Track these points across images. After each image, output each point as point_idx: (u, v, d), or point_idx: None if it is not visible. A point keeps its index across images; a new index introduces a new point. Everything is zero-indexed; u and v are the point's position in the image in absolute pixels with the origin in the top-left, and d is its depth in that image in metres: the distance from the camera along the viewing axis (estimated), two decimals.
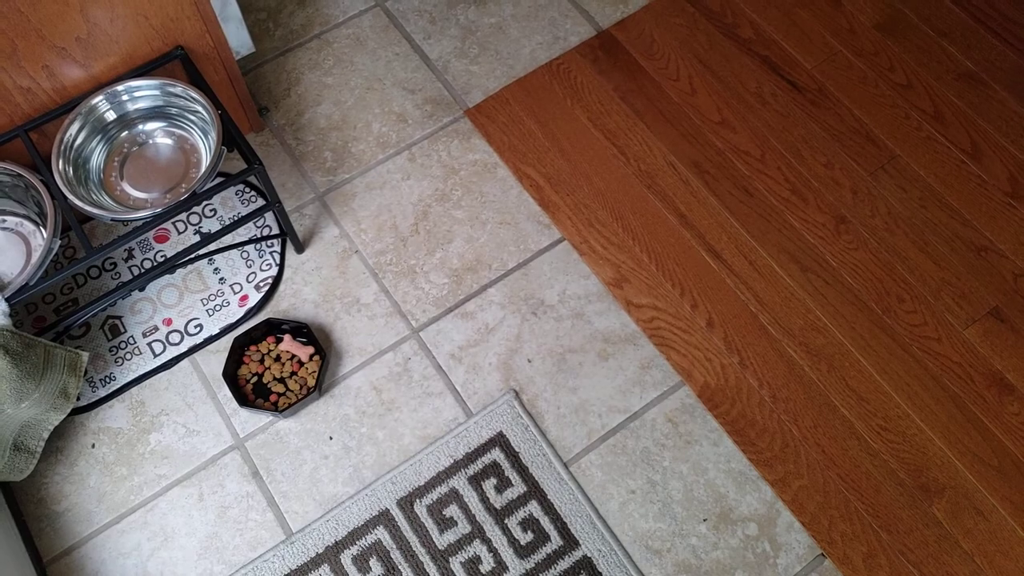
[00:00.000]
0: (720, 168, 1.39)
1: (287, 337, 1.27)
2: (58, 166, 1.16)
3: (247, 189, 1.39)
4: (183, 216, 1.35)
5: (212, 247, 1.28)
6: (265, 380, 1.24)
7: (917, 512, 1.15)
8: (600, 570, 1.14)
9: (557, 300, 1.29)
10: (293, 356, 1.26)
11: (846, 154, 1.40)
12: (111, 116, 1.22)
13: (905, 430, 1.20)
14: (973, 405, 1.21)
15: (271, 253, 1.34)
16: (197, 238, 1.34)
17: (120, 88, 1.20)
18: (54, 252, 1.13)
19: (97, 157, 1.22)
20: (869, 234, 1.34)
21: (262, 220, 1.35)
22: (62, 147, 1.17)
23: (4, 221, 1.21)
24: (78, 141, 1.19)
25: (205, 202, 1.34)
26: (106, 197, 1.21)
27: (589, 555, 1.15)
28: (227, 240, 1.32)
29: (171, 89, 1.21)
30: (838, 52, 1.49)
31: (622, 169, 1.39)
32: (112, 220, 1.16)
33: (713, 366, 1.25)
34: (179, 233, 1.36)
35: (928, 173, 1.37)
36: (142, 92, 1.21)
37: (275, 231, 1.35)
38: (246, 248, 1.34)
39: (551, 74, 1.47)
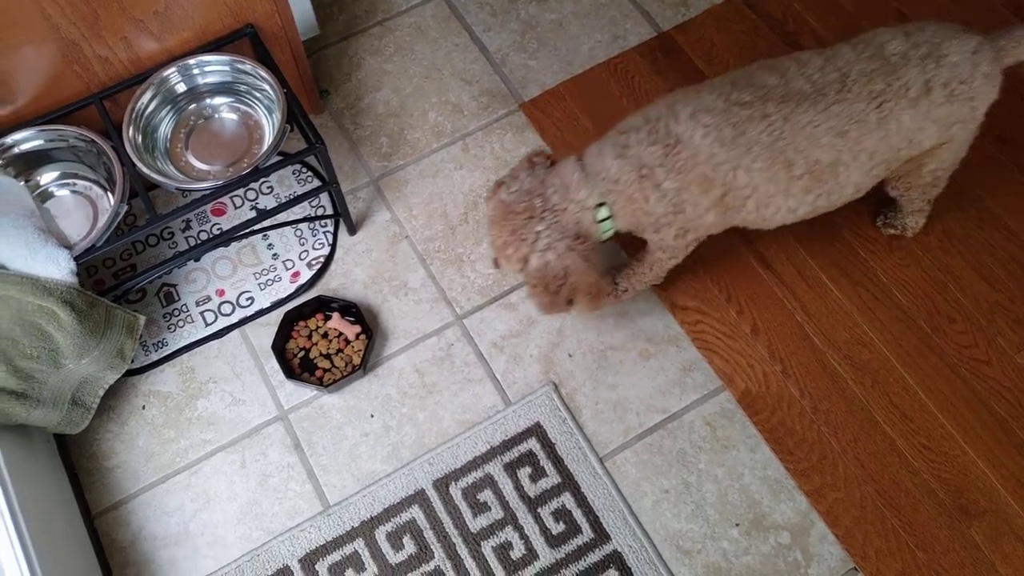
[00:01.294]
0: None
1: (335, 315, 1.29)
2: (128, 133, 1.20)
3: (304, 169, 1.42)
4: (240, 192, 1.39)
5: (267, 223, 1.31)
6: (312, 355, 1.27)
7: (955, 533, 1.13)
8: (630, 566, 1.15)
9: None
10: (340, 334, 1.28)
11: None
12: (181, 88, 1.25)
13: (948, 450, 1.19)
14: (1021, 431, 1.19)
15: (324, 233, 1.37)
16: (253, 214, 1.37)
17: (192, 62, 1.24)
18: (120, 216, 1.18)
19: (165, 127, 1.26)
20: (922, 251, 1.32)
21: (317, 200, 1.38)
22: (134, 115, 1.21)
23: (74, 184, 1.26)
24: (149, 110, 1.23)
25: (263, 179, 1.38)
26: (171, 167, 1.24)
27: (619, 550, 1.16)
28: (282, 217, 1.35)
29: (240, 66, 1.24)
30: None
31: None
32: (177, 189, 1.20)
33: (755, 373, 1.24)
34: (235, 208, 1.39)
35: (987, 194, 1.35)
36: (212, 67, 1.25)
37: (329, 212, 1.38)
38: (300, 226, 1.37)
39: (609, 72, 1.48)
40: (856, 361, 1.25)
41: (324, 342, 1.28)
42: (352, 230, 1.36)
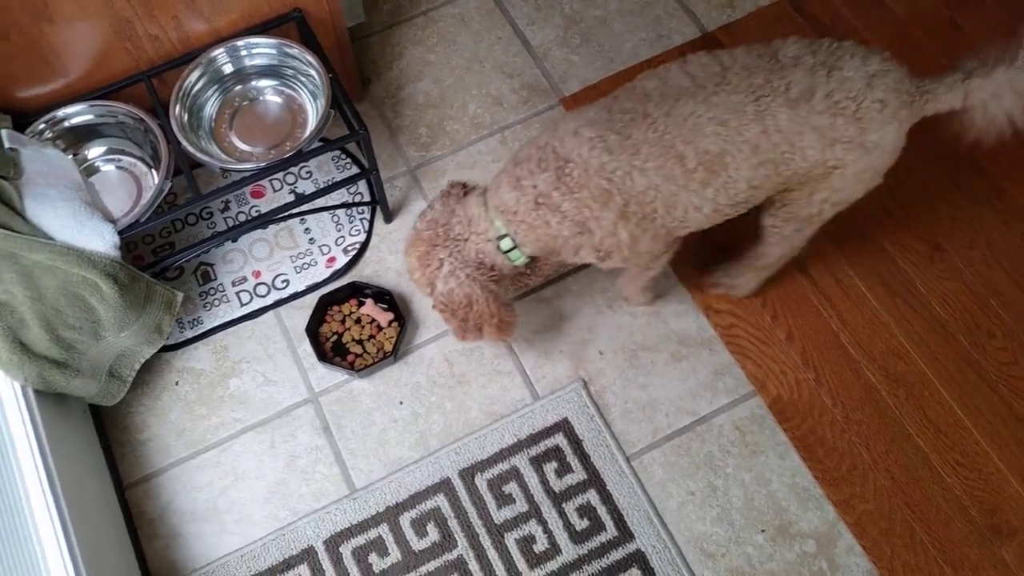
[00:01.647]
0: None
1: (369, 301, 1.30)
2: (175, 111, 1.21)
3: (343, 155, 1.43)
4: (279, 175, 1.40)
5: (305, 208, 1.32)
6: (344, 340, 1.28)
7: (985, 552, 1.12)
8: (652, 566, 1.15)
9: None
10: (373, 320, 1.29)
11: (949, 180, 1.37)
12: (228, 69, 1.27)
13: (982, 468, 1.17)
14: None
15: (361, 219, 1.38)
16: (292, 197, 1.38)
17: (240, 43, 1.25)
18: (164, 193, 1.20)
19: (211, 107, 1.28)
20: (964, 265, 1.30)
21: (355, 187, 1.39)
22: (181, 93, 1.23)
23: (119, 160, 1.28)
24: (196, 89, 1.24)
25: (302, 164, 1.39)
26: (215, 146, 1.26)
27: (643, 549, 1.16)
28: (320, 202, 1.36)
29: (288, 50, 1.25)
30: None
31: None
32: (221, 169, 1.21)
33: (788, 379, 1.23)
34: (274, 191, 1.41)
35: None
36: (260, 49, 1.26)
37: (367, 199, 1.39)
38: (337, 212, 1.38)
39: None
40: (891, 372, 1.23)
41: (357, 327, 1.29)
42: (388, 218, 1.37)
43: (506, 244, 1.02)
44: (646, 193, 0.94)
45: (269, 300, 1.32)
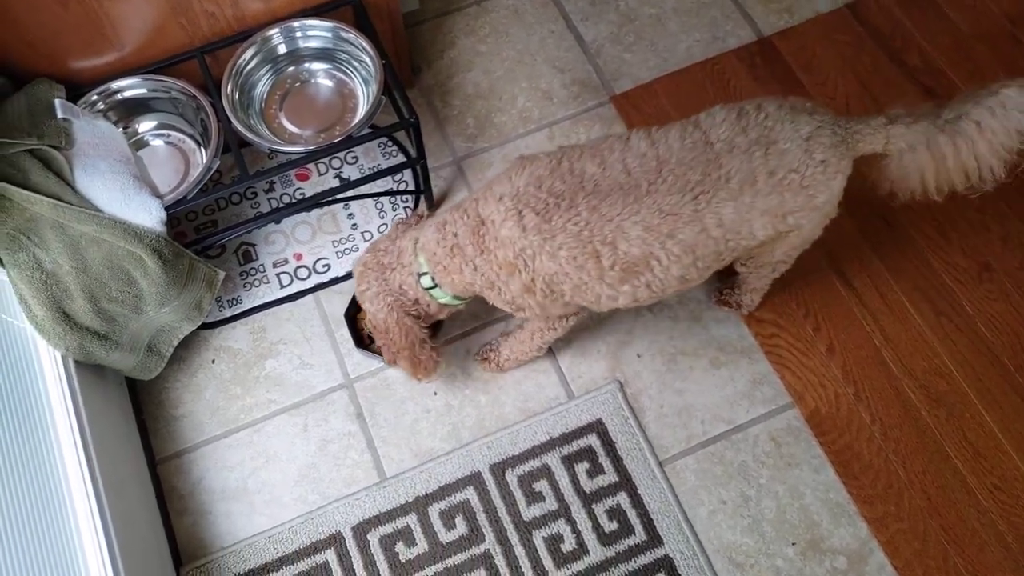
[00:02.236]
0: (863, 194, 1.35)
1: None
2: (227, 89, 1.21)
3: (390, 143, 1.42)
4: (326, 159, 1.40)
5: (350, 193, 1.32)
6: None
7: None
8: (680, 572, 1.14)
9: (676, 302, 1.29)
10: None
11: (1002, 200, 1.35)
12: (282, 50, 1.26)
13: (1021, 494, 1.15)
14: None
15: (404, 208, 1.37)
16: (336, 182, 1.38)
17: (296, 24, 1.24)
18: (212, 171, 1.20)
19: (262, 86, 1.27)
20: (1013, 287, 1.28)
21: (400, 175, 1.38)
22: (234, 71, 1.22)
23: (168, 136, 1.28)
24: (249, 67, 1.24)
25: (349, 149, 1.39)
26: (264, 127, 1.25)
27: (671, 555, 1.15)
28: (364, 188, 1.35)
29: (343, 34, 1.24)
30: None
31: None
32: (270, 149, 1.20)
33: (827, 393, 1.22)
34: (320, 174, 1.40)
35: None
36: (315, 32, 1.25)
37: (411, 187, 1.38)
38: (381, 199, 1.37)
39: (705, 73, 1.45)
40: (932, 392, 1.22)
41: None
42: (432, 208, 1.37)
43: (426, 282, 1.03)
44: (555, 276, 0.93)
45: (309, 283, 1.32)
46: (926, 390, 1.21)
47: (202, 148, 1.23)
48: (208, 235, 1.25)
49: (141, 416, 1.24)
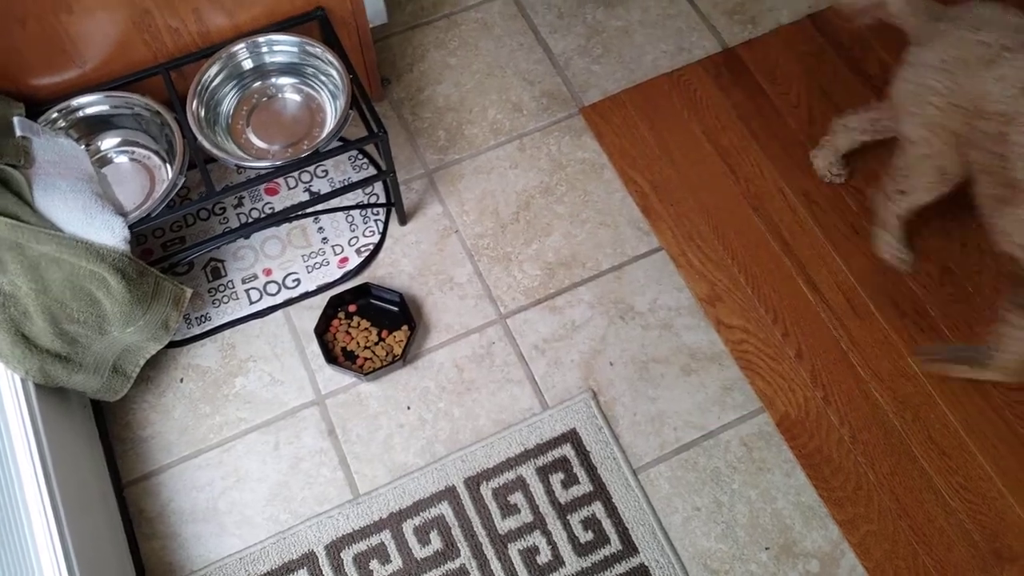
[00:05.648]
0: (830, 201, 1.37)
1: (356, 316, 1.28)
2: (192, 106, 1.20)
3: (360, 156, 1.41)
4: (295, 173, 1.39)
5: (320, 207, 1.31)
6: (351, 348, 1.26)
7: None
8: None
9: (647, 308, 1.30)
10: (375, 326, 1.28)
11: (959, 206, 1.38)
12: (248, 65, 1.25)
13: (986, 492, 1.17)
14: None
15: (375, 221, 1.37)
16: (306, 196, 1.37)
17: (261, 40, 1.23)
18: (178, 188, 1.18)
19: (228, 103, 1.26)
20: (974, 290, 1.31)
21: (370, 188, 1.38)
22: (199, 87, 1.21)
23: (133, 152, 1.26)
24: (214, 84, 1.23)
25: (318, 163, 1.38)
26: (231, 143, 1.24)
27: (647, 564, 1.15)
28: (335, 202, 1.35)
29: (309, 48, 1.24)
30: None
31: (730, 188, 1.38)
32: (236, 166, 1.20)
33: (796, 397, 1.23)
34: (289, 189, 1.39)
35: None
36: (281, 47, 1.25)
37: (382, 200, 1.37)
38: (352, 213, 1.37)
39: (671, 84, 1.47)
40: (898, 394, 1.24)
41: (363, 334, 1.27)
42: (403, 220, 1.36)
43: None
44: None
45: (279, 299, 1.30)
46: (893, 392, 1.24)
47: (168, 164, 1.22)
48: (176, 252, 1.23)
49: (107, 439, 1.21)
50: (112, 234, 1.11)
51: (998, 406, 1.23)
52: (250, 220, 1.34)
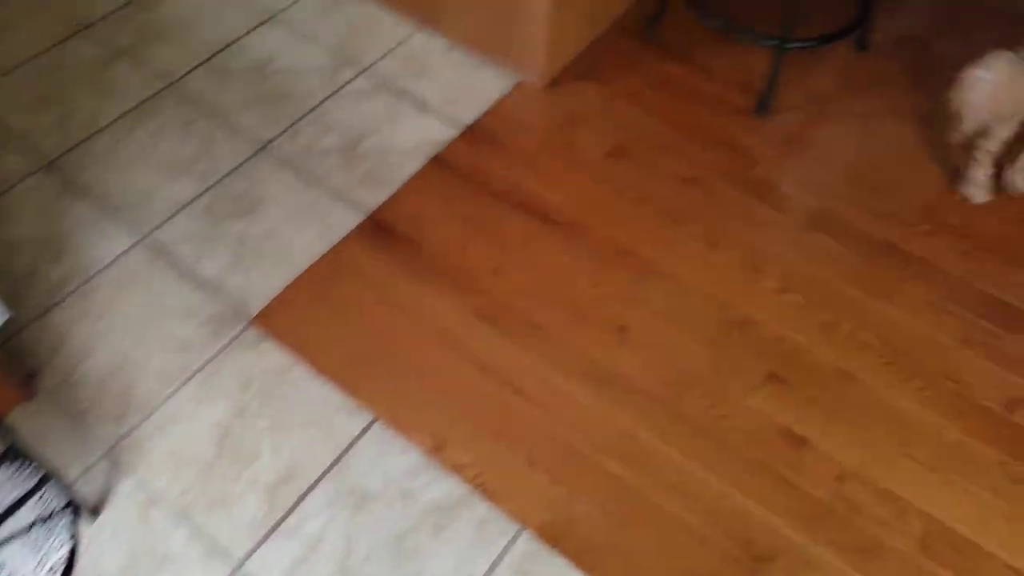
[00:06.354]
0: (505, 310, 1.47)
1: None
2: None
3: (24, 461, 1.25)
4: None
5: None
6: None
7: None
8: None
9: (381, 485, 1.27)
10: None
11: (608, 270, 1.56)
12: None
13: (731, 508, 1.27)
14: (777, 465, 1.30)
15: (62, 527, 1.22)
16: None
17: None
18: None
19: None
20: (649, 335, 1.45)
21: (40, 496, 1.21)
22: None
23: None
24: None
25: None
26: None
27: None
28: (4, 532, 1.18)
29: None
30: (580, 183, 1.66)
31: (419, 336, 1.43)
32: None
33: (543, 501, 1.26)
34: None
35: (680, 269, 1.54)
36: None
37: (61, 504, 1.22)
38: (30, 532, 1.21)
39: (331, 264, 1.52)
40: (625, 455, 1.32)
41: None
42: (93, 514, 1.23)
43: None
44: None
45: None
46: (620, 456, 1.31)
47: None
48: None
49: None
50: None
51: (703, 426, 1.32)
52: None
